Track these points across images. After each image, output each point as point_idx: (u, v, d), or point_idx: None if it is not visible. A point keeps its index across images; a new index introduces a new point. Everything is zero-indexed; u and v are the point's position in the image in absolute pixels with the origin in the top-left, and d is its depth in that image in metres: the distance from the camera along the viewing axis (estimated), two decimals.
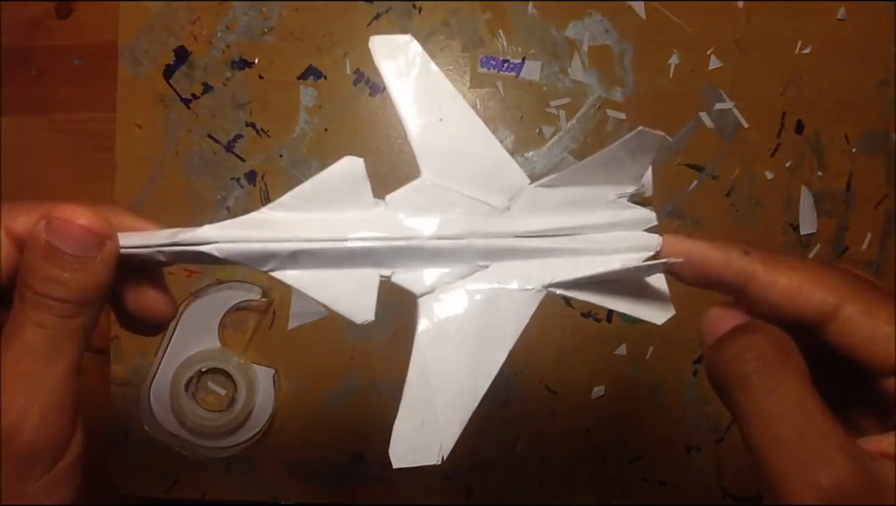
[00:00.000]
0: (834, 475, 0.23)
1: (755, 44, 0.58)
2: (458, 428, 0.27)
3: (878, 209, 0.58)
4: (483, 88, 0.59)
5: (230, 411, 0.56)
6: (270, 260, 0.27)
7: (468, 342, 0.28)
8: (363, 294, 0.27)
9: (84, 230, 0.25)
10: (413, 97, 0.29)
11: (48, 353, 0.25)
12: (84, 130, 0.61)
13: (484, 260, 0.28)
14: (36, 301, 0.25)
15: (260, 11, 0.60)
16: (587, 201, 0.29)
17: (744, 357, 0.25)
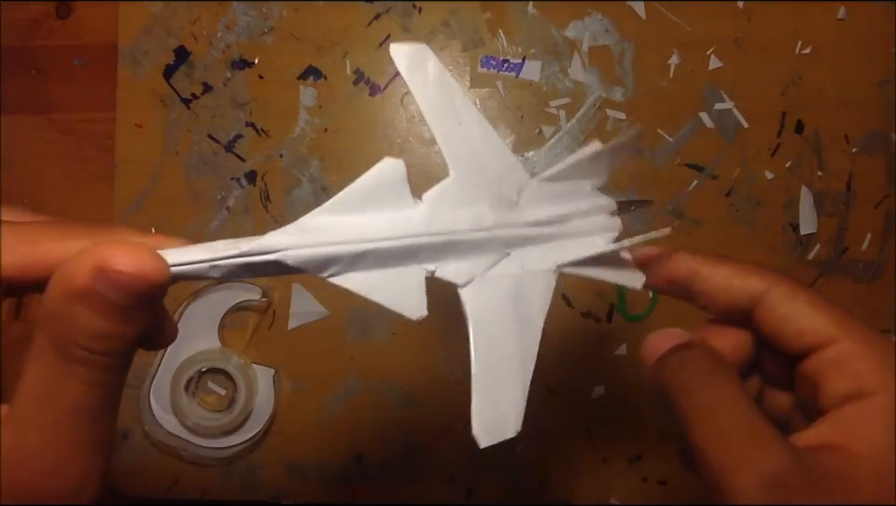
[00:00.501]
0: (773, 463, 0.24)
1: (755, 44, 0.58)
2: (523, 399, 0.30)
3: (878, 209, 0.58)
4: (483, 88, 0.59)
5: (230, 411, 0.56)
6: (333, 265, 0.27)
7: (510, 321, 0.30)
8: (413, 291, 0.28)
9: (144, 282, 0.22)
10: (435, 102, 0.31)
11: (100, 410, 0.23)
12: (84, 130, 0.61)
13: (507, 248, 0.31)
14: (87, 358, 0.22)
15: (260, 11, 0.60)
16: (573, 192, 0.34)
17: (684, 367, 0.28)
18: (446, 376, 0.58)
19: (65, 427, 0.22)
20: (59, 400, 0.22)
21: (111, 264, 0.21)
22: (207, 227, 0.59)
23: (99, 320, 0.22)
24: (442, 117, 0.31)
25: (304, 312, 0.58)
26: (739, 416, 0.26)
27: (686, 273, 0.31)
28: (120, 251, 0.22)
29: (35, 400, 0.22)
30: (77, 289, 0.21)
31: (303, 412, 0.58)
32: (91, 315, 0.22)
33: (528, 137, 0.59)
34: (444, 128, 0.31)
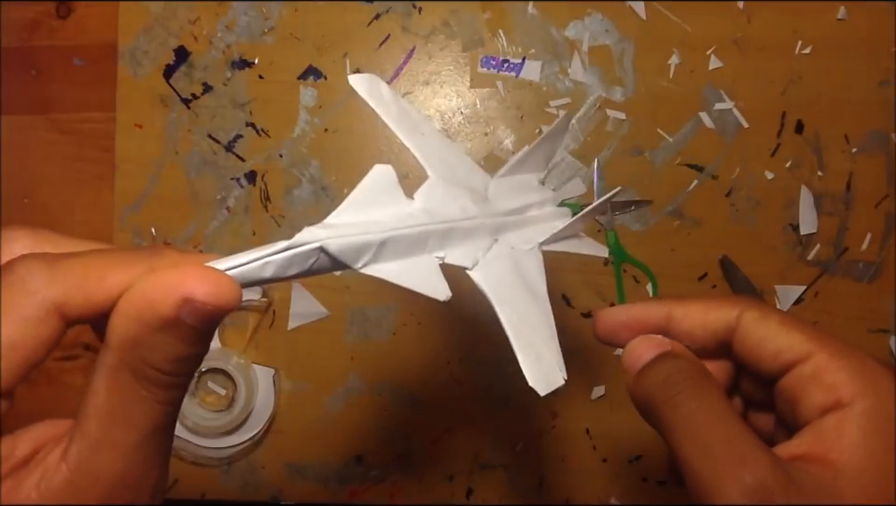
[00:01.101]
0: (758, 473, 0.25)
1: (755, 44, 0.58)
2: (558, 349, 0.32)
3: (878, 209, 0.58)
4: (483, 88, 0.59)
5: (230, 411, 0.56)
6: (365, 254, 0.28)
7: (521, 291, 0.33)
8: (434, 276, 0.30)
9: (221, 309, 0.23)
10: (397, 119, 0.36)
11: (172, 425, 0.24)
12: (84, 130, 0.61)
13: (494, 235, 0.34)
14: (167, 381, 0.23)
15: (260, 11, 0.60)
16: (526, 186, 0.39)
17: (671, 380, 0.28)
18: (446, 376, 0.58)
19: (145, 445, 0.23)
20: (139, 420, 0.23)
21: (195, 295, 0.22)
22: (207, 227, 0.59)
23: (181, 346, 0.23)
24: (407, 130, 0.35)
25: (304, 312, 0.58)
26: (725, 429, 0.26)
27: (659, 320, 0.32)
28: (201, 281, 0.23)
29: (112, 421, 0.23)
30: (164, 320, 0.22)
31: (303, 412, 0.58)
32: (174, 342, 0.23)
33: (528, 137, 0.59)
34: (413, 139, 0.35)
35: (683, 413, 0.27)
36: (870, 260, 0.58)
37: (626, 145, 0.58)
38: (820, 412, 0.27)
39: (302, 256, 0.27)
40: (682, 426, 0.27)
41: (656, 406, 0.29)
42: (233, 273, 0.25)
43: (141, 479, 0.24)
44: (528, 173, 0.40)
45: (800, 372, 0.28)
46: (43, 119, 0.61)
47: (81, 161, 0.61)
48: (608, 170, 0.58)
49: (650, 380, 0.29)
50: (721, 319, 0.30)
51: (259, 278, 0.26)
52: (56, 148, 0.61)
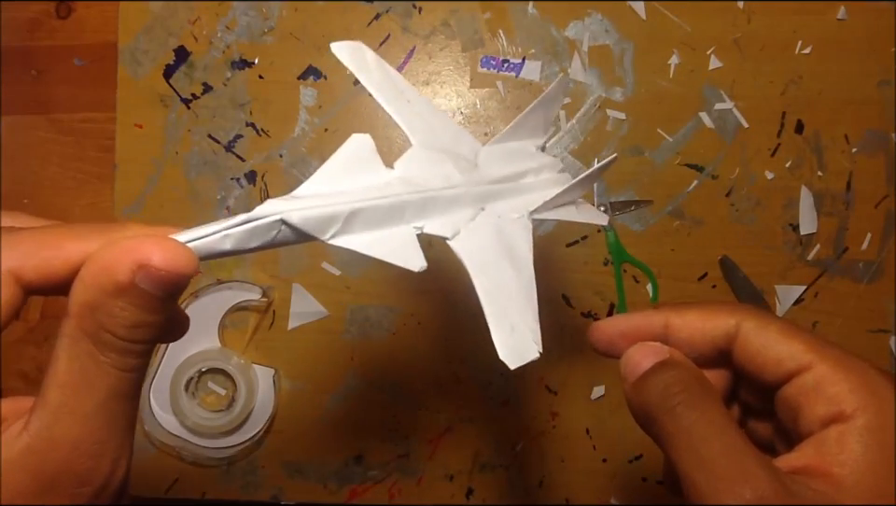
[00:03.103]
0: (758, 489, 0.25)
1: (755, 44, 0.58)
2: (536, 321, 0.30)
3: (878, 209, 0.58)
4: (483, 88, 0.59)
5: (230, 411, 0.56)
6: (332, 225, 0.28)
7: (503, 262, 0.32)
8: (409, 247, 0.29)
9: (178, 275, 0.24)
10: (382, 87, 0.34)
11: (131, 394, 0.25)
12: (84, 130, 0.61)
13: (480, 204, 0.33)
14: (122, 347, 0.24)
15: (260, 11, 0.60)
16: (521, 153, 0.38)
17: (670, 390, 0.28)
18: (446, 376, 0.58)
19: (104, 411, 0.24)
20: (97, 386, 0.23)
21: (150, 261, 0.23)
22: None
23: (137, 312, 0.23)
24: (392, 98, 0.34)
25: (304, 312, 0.58)
26: (724, 442, 0.26)
27: (657, 329, 0.31)
28: (156, 248, 0.23)
29: (72, 388, 0.23)
30: (119, 285, 0.23)
31: (303, 412, 0.58)
32: (130, 308, 0.23)
33: None
34: (396, 107, 0.34)
35: (682, 424, 0.27)
36: (870, 260, 0.58)
37: (626, 145, 0.58)
38: (822, 424, 0.27)
39: (263, 228, 0.26)
40: (681, 438, 0.27)
41: (654, 416, 0.28)
42: (193, 245, 0.25)
43: (101, 445, 0.24)
44: (524, 139, 0.38)
45: (801, 383, 0.28)
46: (43, 119, 0.61)
47: (81, 161, 0.61)
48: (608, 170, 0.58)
49: (648, 389, 0.29)
50: (720, 328, 0.30)
51: (220, 251, 0.26)
52: (56, 148, 0.61)
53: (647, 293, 0.58)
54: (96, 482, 0.24)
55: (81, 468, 0.23)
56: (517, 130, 0.38)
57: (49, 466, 0.23)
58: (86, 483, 0.24)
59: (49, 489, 0.23)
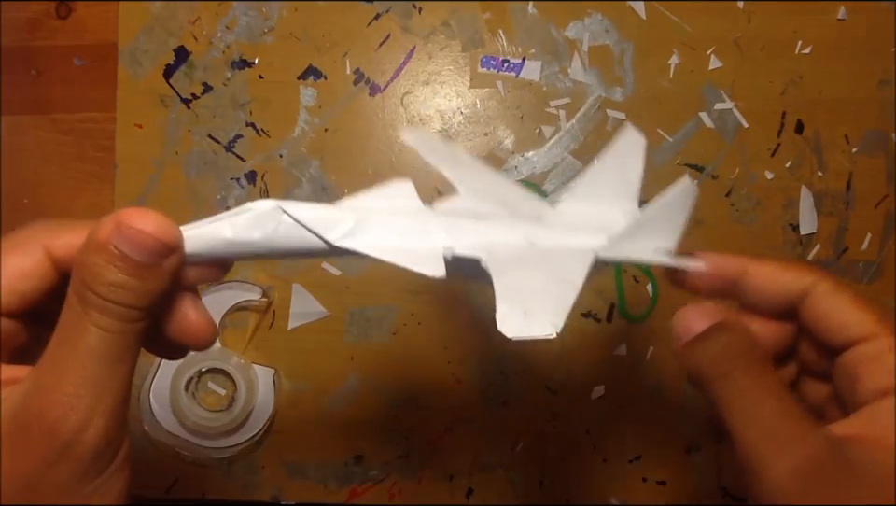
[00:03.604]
0: (812, 452, 0.25)
1: (755, 44, 0.58)
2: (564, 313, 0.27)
3: (878, 209, 0.58)
4: (483, 88, 0.59)
5: (230, 411, 0.56)
6: (340, 225, 0.27)
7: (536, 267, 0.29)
8: (429, 255, 0.27)
9: (154, 239, 0.25)
10: (443, 158, 0.33)
11: (111, 356, 0.25)
12: (84, 130, 0.61)
13: (530, 239, 0.29)
14: (102, 305, 0.25)
15: (260, 11, 0.60)
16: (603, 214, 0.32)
17: (725, 355, 0.28)
18: (446, 376, 0.58)
19: (78, 365, 0.25)
20: (76, 341, 0.25)
21: (127, 221, 0.25)
22: None
23: (113, 271, 0.25)
24: (450, 164, 0.32)
25: (304, 312, 0.58)
26: (779, 406, 0.27)
27: (734, 271, 0.31)
28: (137, 213, 0.25)
29: (57, 340, 0.25)
30: (99, 242, 0.25)
31: (303, 412, 0.58)
32: (107, 265, 0.25)
33: (528, 137, 0.59)
34: (454, 171, 0.32)
35: (737, 388, 0.28)
36: (870, 260, 0.58)
37: None
38: (879, 394, 0.27)
39: (263, 217, 0.26)
40: (735, 401, 0.27)
41: (709, 379, 0.29)
42: (195, 231, 0.26)
43: (72, 398, 0.24)
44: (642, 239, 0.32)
45: (863, 351, 0.28)
46: (43, 119, 0.61)
47: (81, 161, 0.61)
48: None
49: (701, 352, 0.29)
50: (796, 283, 0.30)
51: (223, 238, 0.26)
52: (56, 148, 0.61)
53: (647, 293, 0.58)
54: (63, 434, 0.24)
55: (51, 416, 0.24)
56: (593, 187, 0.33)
57: (27, 411, 0.24)
58: (54, 433, 0.24)
59: (23, 431, 0.24)
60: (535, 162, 0.59)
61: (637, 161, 0.33)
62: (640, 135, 0.32)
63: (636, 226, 0.30)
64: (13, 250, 0.26)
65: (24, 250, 0.26)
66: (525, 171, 0.59)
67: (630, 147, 0.33)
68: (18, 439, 0.24)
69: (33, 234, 0.27)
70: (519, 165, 0.59)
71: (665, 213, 0.31)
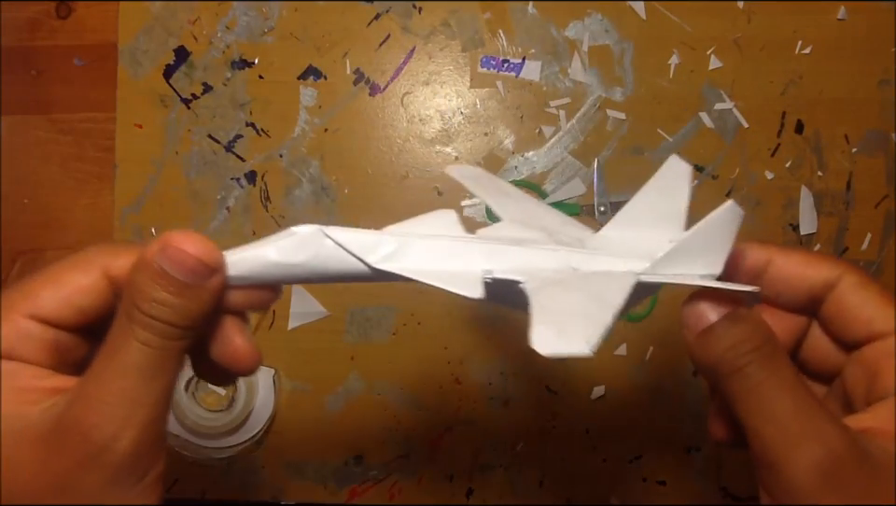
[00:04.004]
0: (830, 446, 0.25)
1: (755, 44, 0.58)
2: (601, 331, 0.26)
3: (878, 209, 0.58)
4: (483, 88, 0.59)
5: (230, 411, 0.56)
6: (380, 248, 0.27)
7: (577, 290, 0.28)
8: (469, 278, 0.27)
9: (196, 259, 0.26)
10: (486, 188, 0.34)
11: (150, 371, 0.26)
12: (84, 130, 0.61)
13: (572, 265, 0.29)
14: (144, 321, 0.26)
15: (260, 11, 0.60)
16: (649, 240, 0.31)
17: (739, 348, 0.27)
18: (446, 376, 0.58)
19: (117, 377, 0.26)
20: (118, 353, 0.26)
21: (172, 242, 0.26)
22: (207, 227, 0.59)
23: (157, 288, 0.26)
24: (494, 194, 0.33)
25: (304, 312, 0.58)
26: (796, 400, 0.26)
27: (759, 262, 0.31)
28: (182, 235, 0.26)
29: (104, 354, 0.26)
30: (145, 261, 0.26)
31: (303, 412, 0.58)
32: (151, 283, 0.26)
33: (528, 137, 0.59)
34: (496, 199, 0.33)
35: (753, 382, 0.27)
36: (870, 260, 0.58)
37: (626, 145, 0.58)
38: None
39: (306, 239, 0.27)
40: (751, 396, 0.27)
41: (722, 374, 0.28)
42: (239, 255, 0.27)
43: (107, 407, 0.25)
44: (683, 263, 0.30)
45: (885, 346, 0.28)
46: (43, 119, 0.61)
47: (81, 161, 0.61)
48: (608, 170, 0.58)
49: (714, 344, 0.28)
50: (822, 275, 0.29)
51: (268, 261, 0.27)
52: (56, 148, 0.61)
53: None
54: (97, 441, 0.25)
55: (87, 423, 0.25)
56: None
57: (68, 416, 0.25)
58: (88, 439, 0.25)
59: (62, 435, 0.25)
60: (535, 162, 0.59)
61: (684, 189, 0.32)
62: (686, 164, 0.32)
63: (679, 249, 0.29)
64: (74, 268, 0.28)
65: (84, 268, 0.27)
66: (524, 171, 0.59)
67: (675, 176, 0.32)
68: (57, 442, 0.25)
69: (93, 254, 0.28)
70: (519, 165, 0.59)
71: (709, 236, 0.31)
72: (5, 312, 0.27)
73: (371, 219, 0.59)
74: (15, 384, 0.26)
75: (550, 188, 0.59)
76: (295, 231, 0.27)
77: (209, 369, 0.30)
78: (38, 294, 0.27)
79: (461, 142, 0.59)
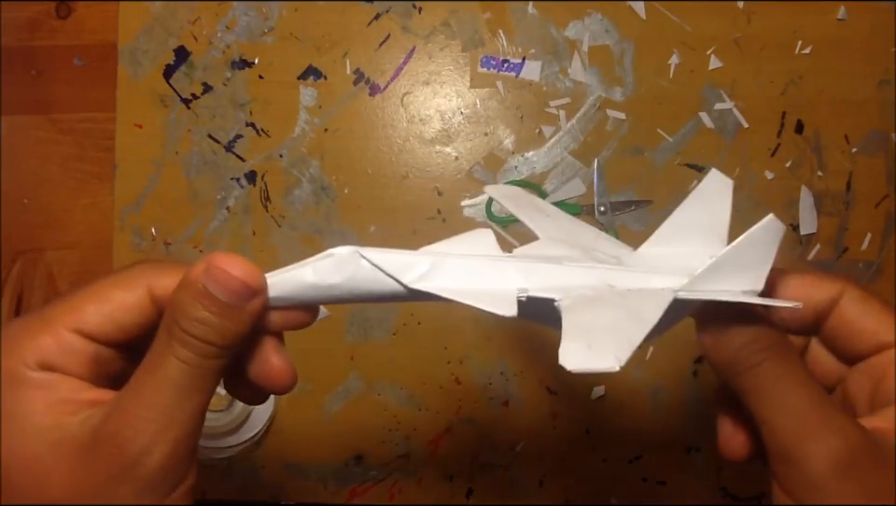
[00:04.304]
0: (847, 440, 0.26)
1: (755, 44, 0.58)
2: (631, 347, 0.26)
3: (878, 209, 0.58)
4: (483, 88, 0.59)
5: (230, 411, 0.56)
6: (415, 268, 0.28)
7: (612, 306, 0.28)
8: (503, 297, 0.28)
9: (240, 281, 0.27)
10: (525, 208, 0.34)
11: (186, 389, 0.26)
12: (84, 130, 0.61)
13: (608, 282, 0.29)
14: (183, 338, 0.26)
15: (260, 11, 0.60)
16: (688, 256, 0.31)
17: (752, 347, 0.28)
18: (446, 376, 0.58)
19: (153, 392, 0.26)
20: (156, 369, 0.26)
21: (216, 263, 0.27)
22: (207, 227, 0.59)
23: (199, 307, 0.26)
24: (532, 213, 0.33)
25: None
26: (811, 396, 0.27)
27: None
28: (226, 256, 0.27)
29: (143, 369, 0.27)
30: (189, 280, 0.27)
31: (303, 412, 0.58)
32: (193, 302, 0.26)
33: (528, 137, 0.59)
34: (534, 218, 0.33)
35: (768, 378, 0.27)
36: (870, 260, 0.58)
37: (626, 145, 0.58)
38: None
39: (343, 260, 0.27)
40: (766, 391, 0.27)
41: (737, 371, 0.28)
42: (279, 277, 0.28)
43: (142, 421, 0.26)
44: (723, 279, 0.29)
45: (891, 354, 0.29)
46: (43, 119, 0.61)
47: (81, 161, 0.61)
48: (608, 170, 0.58)
49: (729, 343, 0.28)
50: (826, 293, 0.30)
51: (305, 283, 0.28)
52: (56, 148, 0.61)
53: None
54: (129, 454, 0.25)
55: (121, 435, 0.26)
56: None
57: (104, 428, 0.26)
58: (122, 451, 0.25)
59: (97, 446, 0.26)
60: (535, 162, 0.59)
61: (725, 204, 0.31)
62: (727, 179, 0.32)
63: (718, 266, 0.29)
64: (120, 284, 0.28)
65: (129, 286, 0.28)
66: (524, 171, 0.59)
67: (717, 191, 0.32)
68: (92, 453, 0.26)
69: (139, 272, 0.28)
70: (519, 165, 0.59)
71: (749, 251, 0.30)
72: (49, 324, 0.27)
73: (372, 219, 0.59)
74: (54, 395, 0.27)
75: (550, 188, 0.59)
76: (332, 253, 0.28)
77: (244, 387, 0.31)
78: (83, 309, 0.27)
79: (461, 142, 0.59)
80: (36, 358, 0.26)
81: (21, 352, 0.26)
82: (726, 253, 0.28)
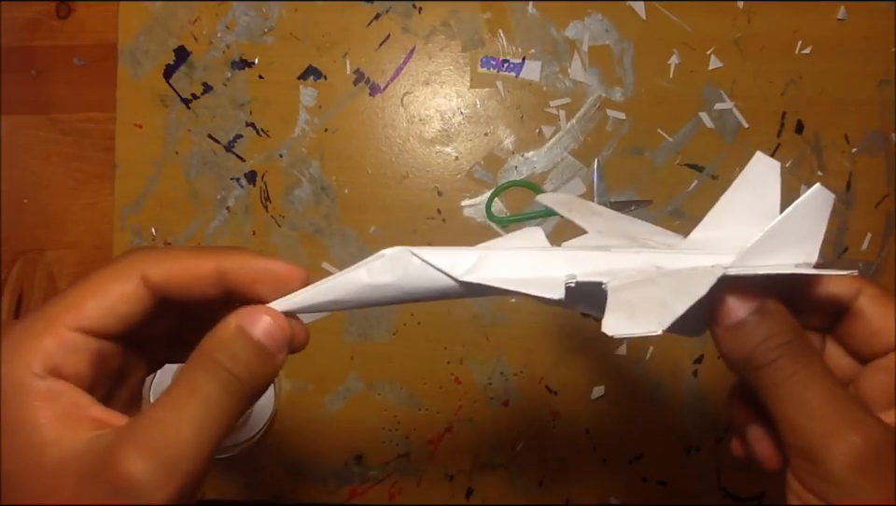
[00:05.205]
0: (868, 436, 0.25)
1: (755, 44, 0.58)
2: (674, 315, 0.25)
3: (878, 209, 0.58)
4: (483, 88, 0.59)
5: None
6: (465, 261, 0.28)
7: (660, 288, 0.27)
8: (552, 283, 0.28)
9: (283, 333, 0.29)
10: (576, 210, 0.34)
11: (205, 428, 0.27)
12: (84, 130, 0.61)
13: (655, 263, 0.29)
14: (215, 371, 0.27)
15: (260, 11, 0.60)
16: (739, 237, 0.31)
17: (770, 343, 0.27)
18: (446, 376, 0.58)
19: (169, 427, 0.26)
20: (177, 404, 0.26)
21: (265, 312, 0.28)
22: (207, 227, 0.59)
23: (245, 352, 0.27)
24: (584, 215, 0.34)
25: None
26: (830, 392, 0.27)
27: None
28: (265, 308, 0.29)
29: (163, 402, 0.27)
30: (238, 327, 0.28)
31: (303, 412, 0.58)
32: (234, 338, 0.27)
33: (528, 137, 0.59)
34: (585, 218, 0.33)
35: (786, 374, 0.27)
36: (870, 260, 0.58)
37: (626, 145, 0.58)
38: None
39: (395, 259, 0.28)
40: (784, 388, 0.27)
41: (754, 367, 0.28)
42: (333, 282, 0.30)
43: (162, 440, 0.26)
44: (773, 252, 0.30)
45: None
46: (43, 119, 0.61)
47: (81, 161, 0.61)
48: (608, 170, 0.58)
49: (745, 338, 0.28)
50: (844, 291, 0.30)
51: (361, 284, 0.29)
52: (56, 148, 0.61)
53: None
54: (137, 487, 0.25)
55: (131, 467, 0.25)
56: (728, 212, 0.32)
57: (112, 453, 0.25)
58: (130, 483, 0.25)
59: (100, 470, 0.25)
60: (535, 162, 0.59)
61: (774, 185, 0.32)
62: (773, 160, 0.32)
63: (766, 239, 0.28)
64: (115, 276, 0.28)
65: (125, 276, 0.28)
66: (524, 171, 0.59)
67: (764, 173, 0.32)
68: (98, 479, 0.25)
69: (132, 261, 0.28)
70: (519, 165, 0.59)
71: (798, 223, 0.30)
72: (52, 325, 0.27)
73: (372, 219, 0.59)
74: (57, 408, 0.26)
75: (550, 188, 0.59)
76: (384, 253, 0.28)
77: None
78: (83, 305, 0.27)
79: (461, 142, 0.59)
80: (41, 362, 0.26)
81: (26, 356, 0.26)
82: (774, 226, 0.28)
